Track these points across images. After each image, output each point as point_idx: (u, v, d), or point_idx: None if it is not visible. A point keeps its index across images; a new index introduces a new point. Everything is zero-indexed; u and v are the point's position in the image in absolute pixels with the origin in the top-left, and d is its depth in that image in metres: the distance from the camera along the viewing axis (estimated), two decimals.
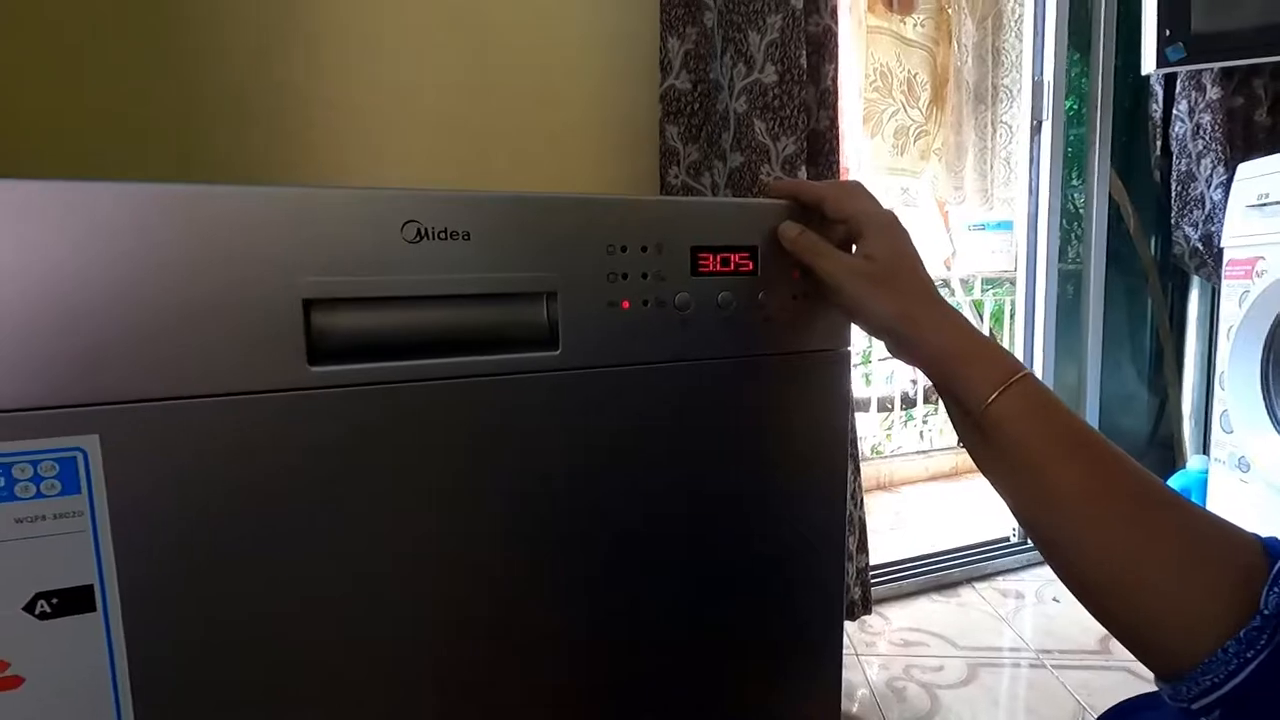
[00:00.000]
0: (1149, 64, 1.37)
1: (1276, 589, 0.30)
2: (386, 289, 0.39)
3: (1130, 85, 1.64)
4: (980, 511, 1.87)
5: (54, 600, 0.34)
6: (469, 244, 0.40)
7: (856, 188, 0.46)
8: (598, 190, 0.99)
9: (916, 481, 2.26)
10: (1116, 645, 1.13)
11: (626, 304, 0.44)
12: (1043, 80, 1.51)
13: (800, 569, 0.52)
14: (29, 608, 0.33)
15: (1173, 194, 1.59)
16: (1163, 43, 1.35)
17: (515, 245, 0.41)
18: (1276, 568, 0.31)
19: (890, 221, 0.44)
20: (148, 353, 0.34)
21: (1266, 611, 0.30)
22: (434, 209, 0.39)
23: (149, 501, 0.35)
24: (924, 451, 2.40)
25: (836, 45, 0.99)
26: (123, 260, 0.33)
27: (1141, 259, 1.73)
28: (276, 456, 0.37)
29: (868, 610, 1.13)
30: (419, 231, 0.39)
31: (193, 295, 0.35)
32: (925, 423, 2.60)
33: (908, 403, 2.54)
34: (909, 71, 1.70)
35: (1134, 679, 1.06)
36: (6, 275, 0.32)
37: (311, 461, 0.38)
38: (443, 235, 0.39)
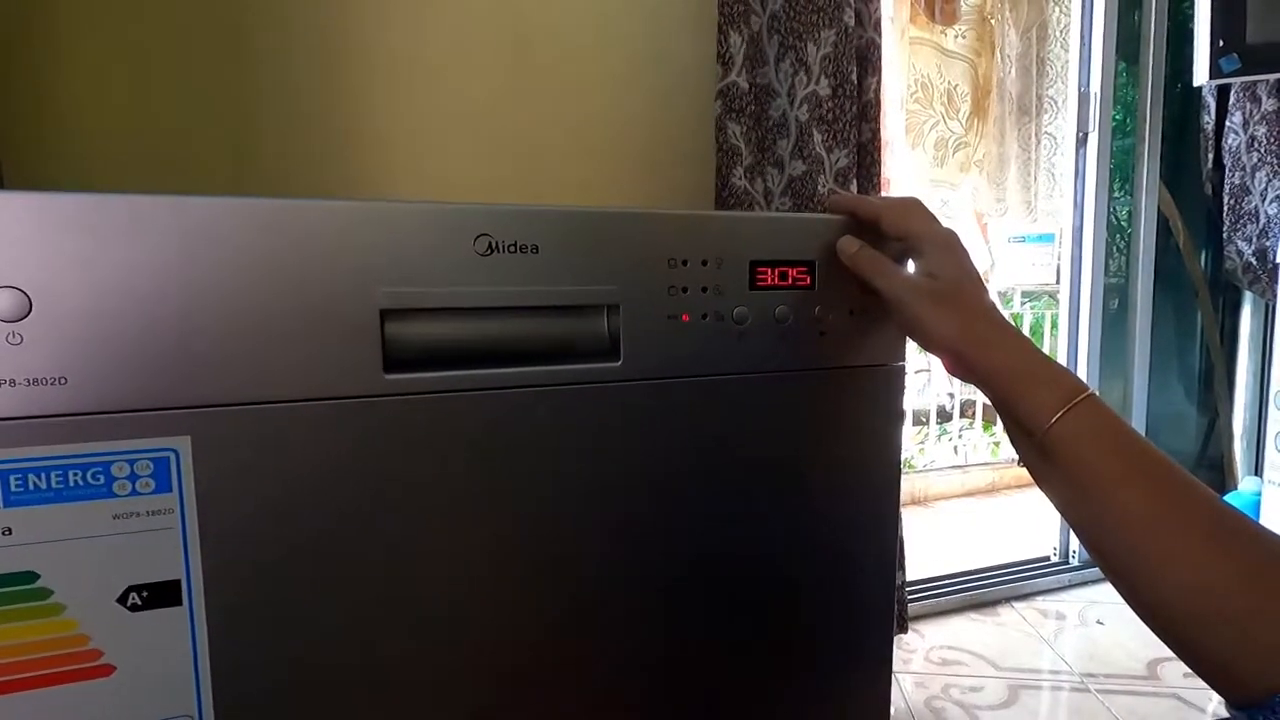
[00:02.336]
0: (1201, 75, 1.34)
1: None
2: (458, 300, 0.40)
3: (1179, 96, 1.61)
4: (1019, 529, 1.83)
5: (144, 593, 0.35)
6: (537, 257, 0.41)
7: (914, 205, 0.46)
8: (650, 190, 0.99)
9: (952, 497, 2.23)
10: (1166, 671, 1.10)
11: (686, 317, 0.45)
12: (1089, 91, 1.49)
13: (851, 584, 0.52)
14: (121, 599, 0.35)
15: (1225, 208, 1.55)
16: (1215, 53, 1.32)
17: (581, 259, 0.42)
18: None
19: (952, 241, 0.44)
20: (236, 359, 0.36)
21: None
22: (505, 223, 0.40)
23: (234, 500, 0.36)
24: (960, 466, 2.36)
25: (879, 59, 0.99)
26: (215, 271, 0.35)
27: (1190, 274, 1.69)
28: (354, 460, 0.38)
29: (904, 629, 1.11)
30: (490, 245, 0.40)
31: (279, 305, 0.36)
32: (960, 437, 2.56)
33: (943, 417, 2.50)
34: (949, 83, 1.69)
35: (1184, 706, 1.03)
36: (110, 287, 0.33)
37: (386, 465, 0.39)
38: (512, 249, 0.40)
